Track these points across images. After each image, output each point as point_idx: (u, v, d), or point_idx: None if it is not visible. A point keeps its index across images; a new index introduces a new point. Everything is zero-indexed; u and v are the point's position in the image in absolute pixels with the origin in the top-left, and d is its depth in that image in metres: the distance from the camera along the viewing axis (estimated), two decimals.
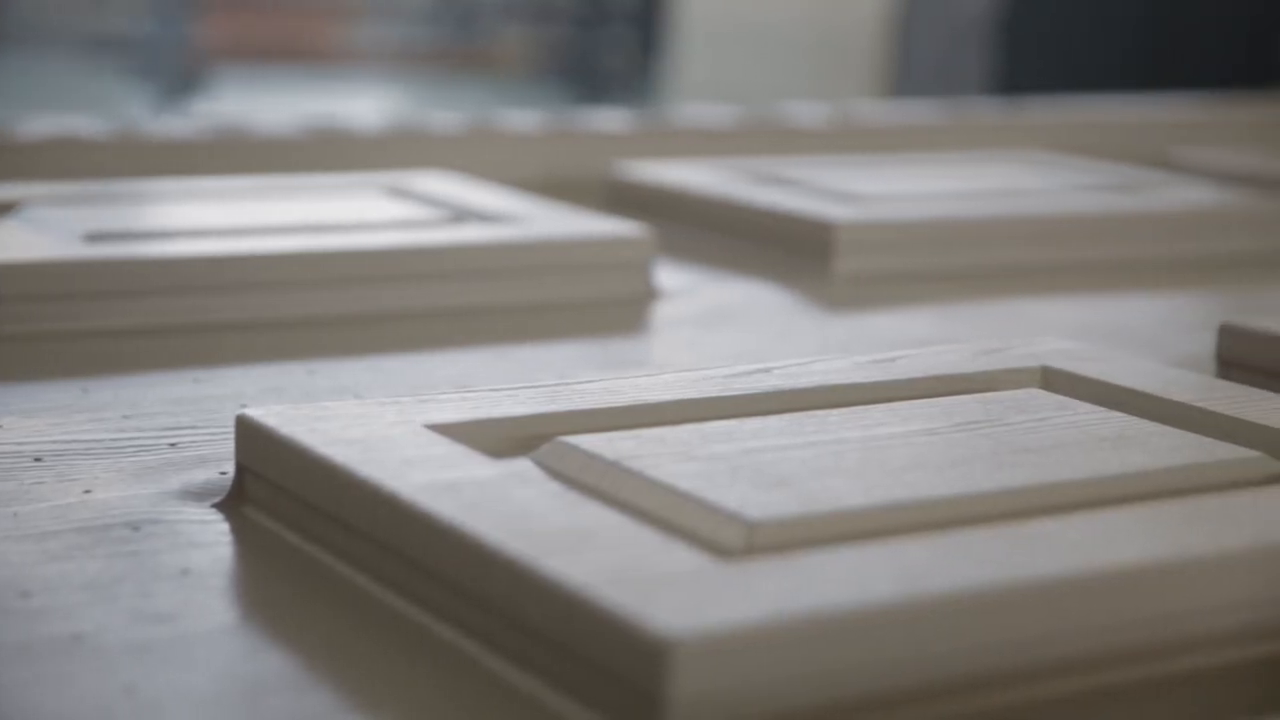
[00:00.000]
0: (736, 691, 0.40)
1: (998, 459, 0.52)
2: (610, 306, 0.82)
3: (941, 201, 0.98)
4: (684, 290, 0.86)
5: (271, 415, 0.53)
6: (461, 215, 0.87)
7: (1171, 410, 0.58)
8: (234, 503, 0.54)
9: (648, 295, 0.84)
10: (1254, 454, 0.53)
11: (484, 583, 0.44)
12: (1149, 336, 0.80)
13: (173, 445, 0.59)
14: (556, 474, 0.51)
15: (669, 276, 0.87)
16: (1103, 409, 0.58)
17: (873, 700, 0.42)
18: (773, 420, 0.56)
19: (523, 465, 0.51)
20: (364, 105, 4.48)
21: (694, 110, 1.28)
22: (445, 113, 1.25)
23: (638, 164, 1.07)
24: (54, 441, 0.59)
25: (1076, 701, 0.43)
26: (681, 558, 0.44)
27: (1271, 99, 1.68)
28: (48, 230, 0.80)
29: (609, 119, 1.16)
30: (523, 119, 1.14)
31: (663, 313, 0.82)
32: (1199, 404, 0.58)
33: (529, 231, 0.83)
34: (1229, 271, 0.96)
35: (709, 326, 0.80)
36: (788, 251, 0.92)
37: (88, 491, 0.54)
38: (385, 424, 0.53)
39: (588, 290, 0.82)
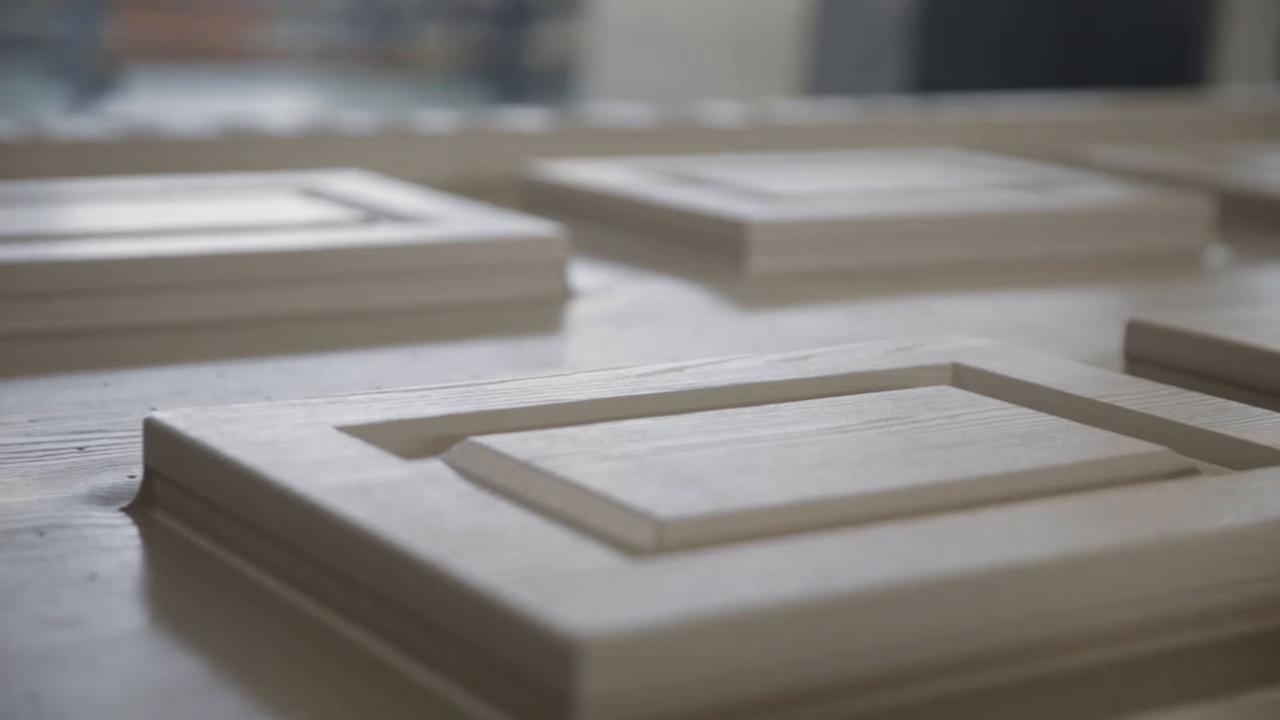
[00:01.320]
0: (647, 690, 0.40)
1: (908, 456, 0.53)
2: (525, 306, 0.82)
3: (856, 200, 0.98)
4: (599, 290, 0.86)
5: (180, 418, 0.53)
6: (375, 216, 0.87)
7: (1079, 406, 0.58)
8: (142, 507, 0.53)
9: (563, 295, 0.84)
10: (1159, 449, 0.54)
11: (394, 584, 0.44)
12: (1059, 333, 0.81)
13: (80, 449, 0.58)
14: (467, 474, 0.51)
15: (584, 276, 0.87)
16: (1012, 405, 0.58)
17: (784, 697, 0.42)
18: (685, 419, 0.56)
19: (434, 466, 0.51)
20: (281, 105, 4.45)
21: (610, 109, 1.28)
22: (359, 113, 1.24)
23: (553, 163, 1.07)
24: None
25: (986, 696, 0.43)
26: (591, 557, 0.44)
27: (1184, 99, 1.70)
28: None
29: (524, 118, 1.16)
30: (438, 119, 1.13)
31: (578, 312, 0.82)
32: (1106, 400, 0.58)
33: (443, 232, 0.83)
34: (1139, 268, 0.97)
35: (624, 326, 0.80)
36: (703, 250, 0.92)
37: None
38: (295, 426, 0.52)
39: (502, 290, 0.82)
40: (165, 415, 0.53)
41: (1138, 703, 0.44)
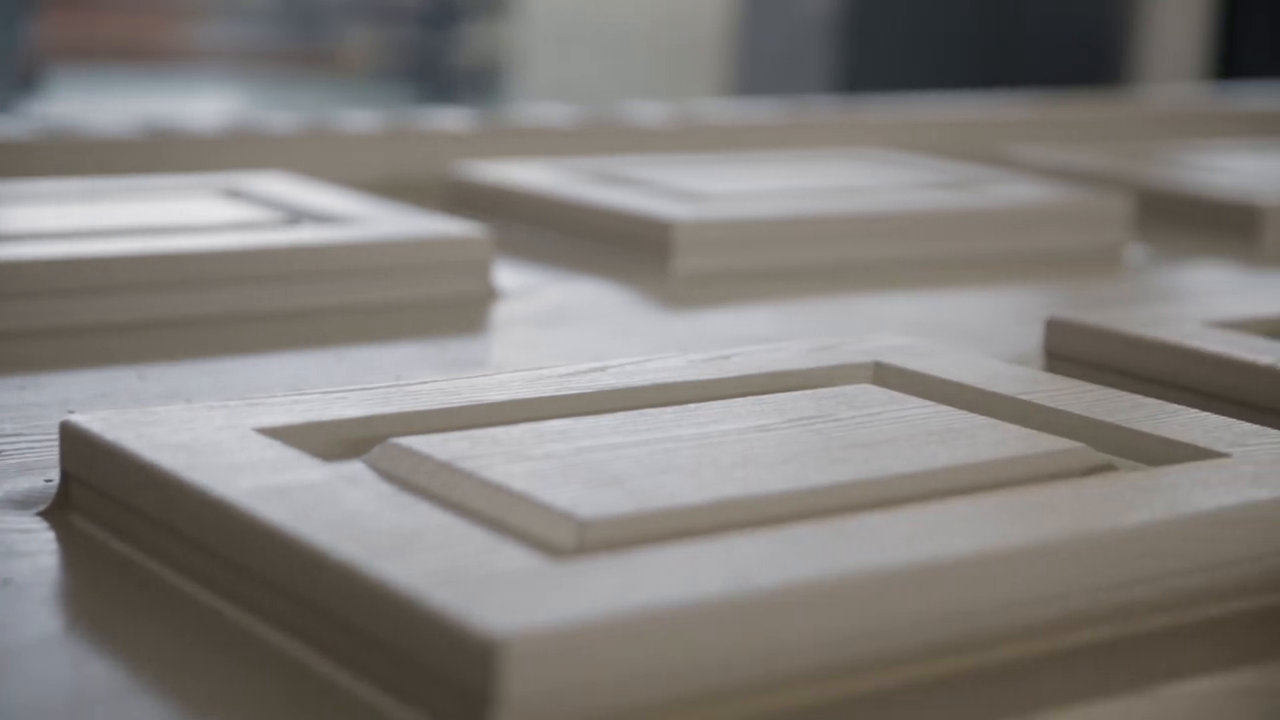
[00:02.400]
0: (568, 690, 0.40)
1: (828, 454, 0.53)
2: (449, 307, 0.82)
3: (781, 199, 0.98)
4: (524, 290, 0.85)
5: (97, 421, 0.52)
6: (298, 216, 0.86)
7: (998, 404, 0.59)
8: (59, 511, 0.53)
9: (487, 295, 0.84)
10: (1076, 445, 0.54)
11: (313, 587, 0.44)
12: (981, 331, 0.82)
13: None
14: (388, 476, 0.50)
15: (509, 276, 0.87)
16: (932, 403, 0.59)
17: (706, 695, 0.42)
18: (607, 419, 0.56)
19: (354, 468, 0.51)
20: (207, 106, 4.42)
21: (535, 110, 1.28)
22: (283, 113, 1.23)
23: (478, 164, 1.07)
24: None
25: (906, 692, 0.44)
26: (512, 557, 0.44)
27: (1105, 98, 1.71)
28: None
29: (449, 119, 1.16)
30: (361, 119, 1.13)
31: (502, 313, 0.82)
32: (1024, 397, 0.59)
33: (366, 232, 0.83)
34: (1060, 267, 0.98)
35: (548, 326, 0.80)
36: (628, 251, 0.92)
37: None
38: (214, 428, 0.52)
39: (426, 291, 0.82)
40: (82, 418, 0.53)
41: (1056, 698, 0.44)
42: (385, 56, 5.29)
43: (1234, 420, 0.57)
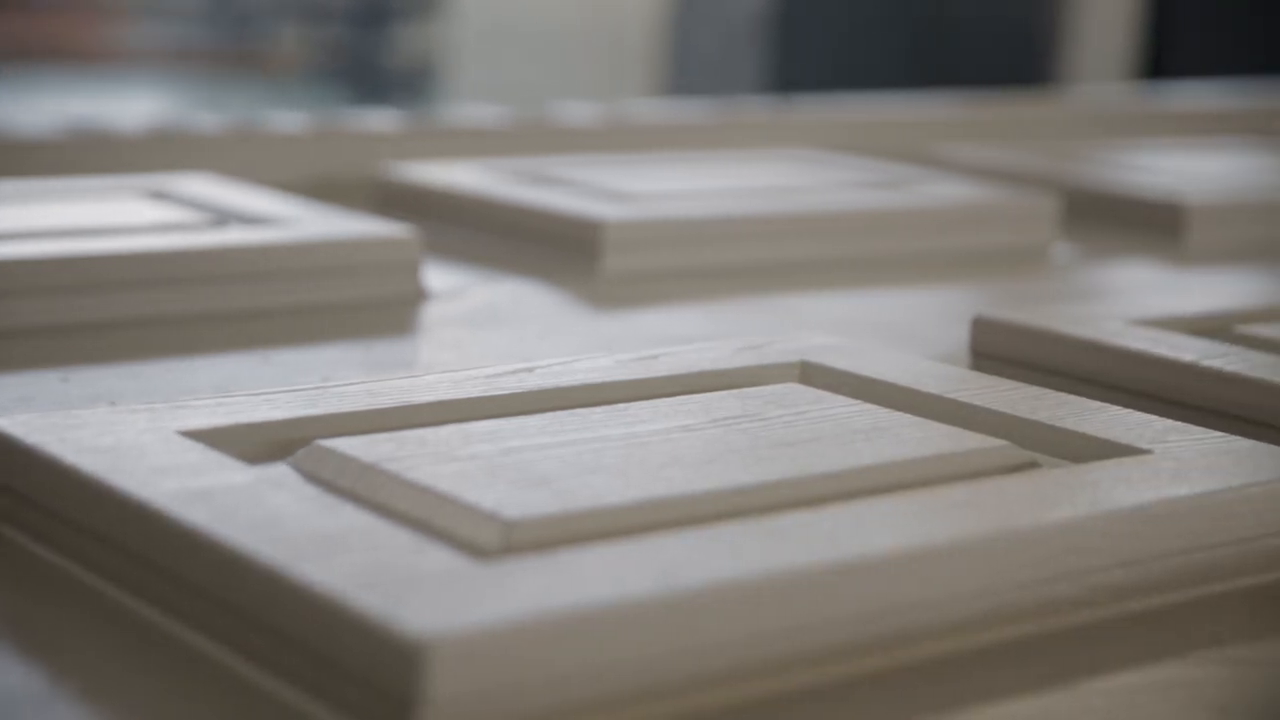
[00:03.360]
0: (494, 692, 0.40)
1: (755, 453, 0.53)
2: (378, 308, 0.81)
3: (710, 199, 0.99)
4: (453, 291, 0.85)
5: (18, 425, 0.52)
6: (224, 218, 0.86)
7: (923, 402, 0.59)
8: None
9: (416, 296, 0.83)
10: (1000, 443, 0.55)
11: (237, 590, 0.44)
12: (910, 330, 0.82)
13: None
14: (314, 478, 0.50)
15: (438, 277, 0.87)
16: (858, 402, 0.59)
17: (633, 695, 0.42)
18: (534, 419, 0.56)
19: (279, 470, 0.51)
20: (136, 107, 4.38)
21: (465, 110, 1.28)
22: (211, 114, 1.23)
23: (407, 165, 1.06)
24: None
25: (831, 690, 0.44)
26: (437, 559, 0.44)
27: (1034, 98, 1.73)
28: None
29: (378, 119, 1.15)
30: (290, 120, 1.12)
31: (431, 314, 0.82)
32: (950, 395, 0.59)
33: (294, 234, 0.82)
34: (988, 265, 0.99)
35: (477, 327, 0.79)
36: (558, 251, 0.92)
37: None
38: (137, 431, 0.52)
39: (354, 292, 0.82)
40: (4, 422, 0.52)
41: (979, 694, 0.44)
42: (317, 57, 5.26)
43: (1156, 417, 0.58)
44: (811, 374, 0.63)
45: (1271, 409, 0.63)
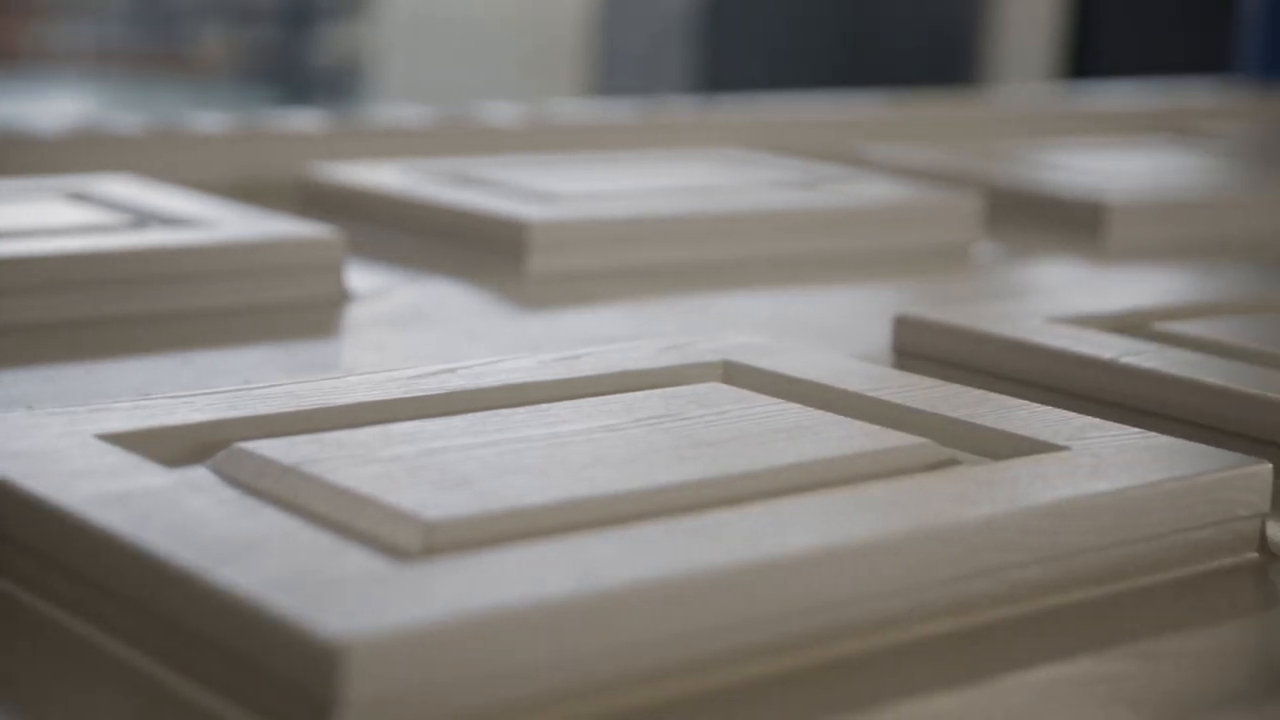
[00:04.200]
0: (413, 693, 0.40)
1: (677, 453, 0.53)
2: (300, 310, 0.81)
3: (636, 199, 0.99)
4: (376, 292, 0.85)
5: None
6: (145, 219, 0.85)
7: (845, 400, 0.59)
8: None
9: (339, 298, 0.83)
10: (921, 441, 0.55)
11: (155, 595, 0.43)
12: (833, 329, 0.83)
13: None
14: (233, 481, 0.50)
15: (361, 278, 0.87)
16: (780, 401, 0.59)
17: (553, 695, 0.42)
18: (456, 420, 0.56)
19: (198, 473, 0.50)
20: (57, 108, 4.34)
21: (389, 111, 1.27)
22: (133, 115, 1.22)
23: (331, 165, 1.06)
24: None
25: (752, 689, 0.44)
26: (357, 561, 0.43)
27: (958, 98, 1.74)
28: None
29: (301, 120, 1.15)
30: (212, 120, 1.12)
31: (354, 315, 0.81)
32: (871, 394, 0.59)
33: (215, 235, 0.82)
34: (911, 264, 0.99)
35: (401, 328, 0.79)
36: (482, 252, 0.92)
37: None
38: (54, 435, 0.51)
39: (277, 294, 0.81)
40: None
41: (899, 691, 0.45)
42: (243, 57, 5.23)
43: (1074, 414, 0.58)
44: (734, 373, 0.63)
45: (1188, 406, 0.64)
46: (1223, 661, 0.48)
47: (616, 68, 3.24)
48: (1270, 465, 0.55)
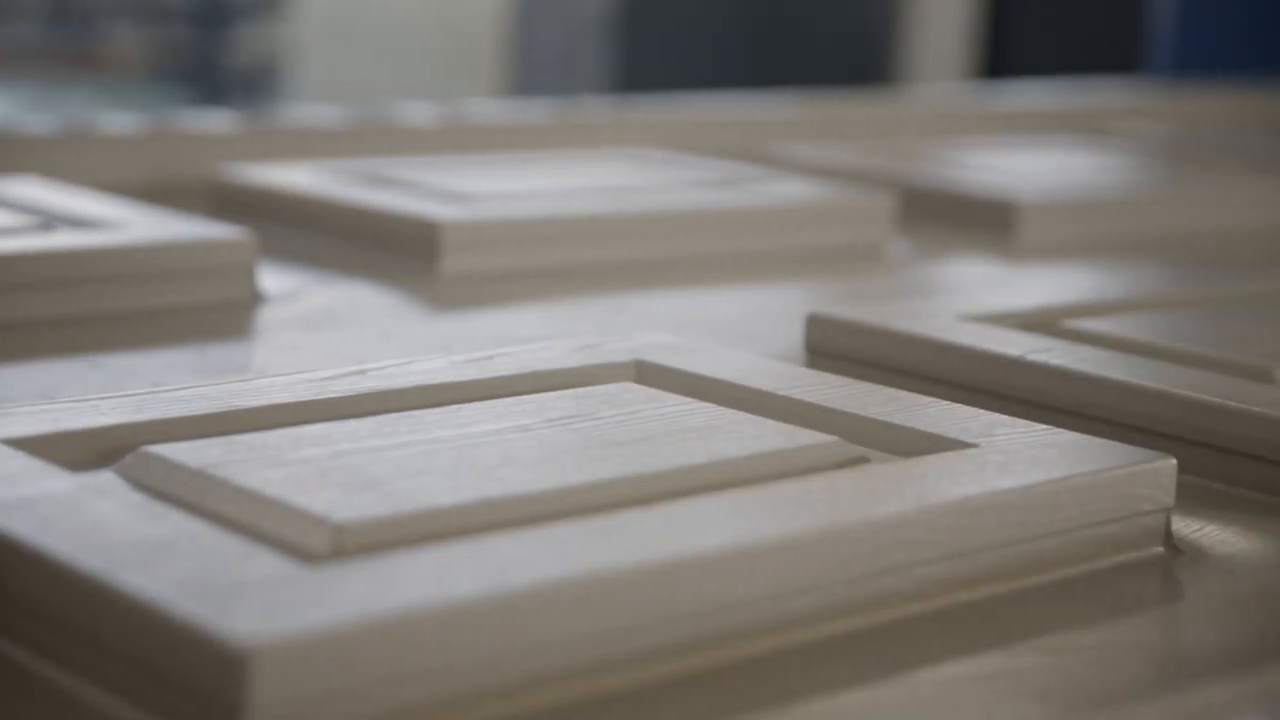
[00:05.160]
0: (321, 697, 0.40)
1: (588, 453, 0.53)
2: (211, 312, 0.80)
3: (549, 199, 0.99)
4: (289, 294, 0.84)
5: None
6: (52, 222, 0.84)
7: (756, 399, 0.60)
8: None
9: (251, 300, 0.82)
10: (831, 439, 0.55)
11: (58, 601, 0.43)
12: (746, 328, 0.83)
13: None
14: (140, 485, 0.49)
15: (274, 280, 0.86)
16: (692, 400, 0.59)
17: (463, 697, 0.42)
18: (367, 422, 0.55)
19: (104, 477, 0.50)
20: None
21: (303, 111, 1.26)
22: (42, 115, 1.20)
23: (243, 166, 1.05)
24: None
25: (663, 688, 0.44)
26: (265, 564, 0.43)
27: (872, 97, 1.75)
28: None
29: (214, 121, 1.14)
30: (123, 121, 1.11)
31: (266, 317, 0.81)
32: (782, 392, 0.60)
33: (124, 237, 0.81)
34: (825, 263, 1.00)
35: (313, 330, 0.79)
36: (396, 253, 0.92)
37: None
38: None
39: (188, 296, 0.80)
40: None
41: (810, 689, 0.45)
42: (158, 57, 5.18)
43: (984, 411, 0.59)
44: (646, 373, 0.63)
45: (1095, 402, 0.65)
46: (1127, 655, 0.48)
47: (533, 68, 3.23)
48: (1175, 461, 0.55)
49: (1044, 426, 0.57)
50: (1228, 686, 0.46)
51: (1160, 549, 0.55)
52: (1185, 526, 0.57)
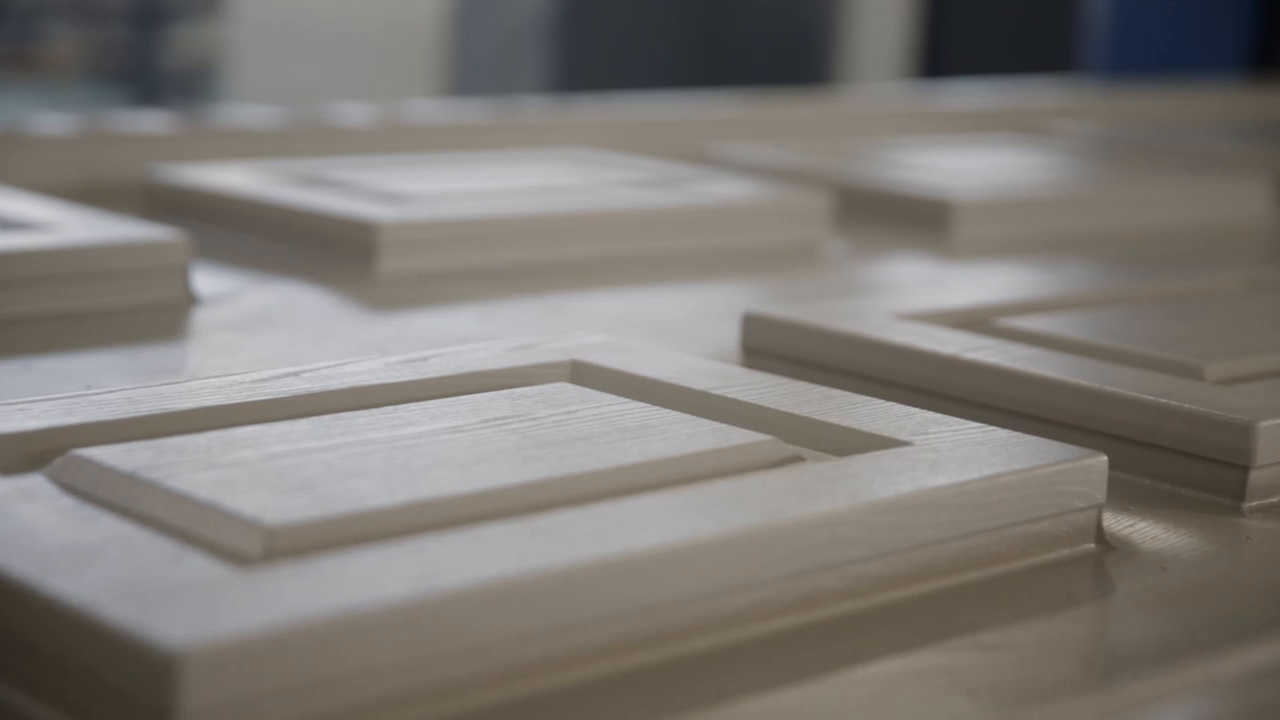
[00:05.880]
0: (252, 701, 0.40)
1: (523, 454, 0.53)
2: (145, 314, 0.80)
3: (486, 200, 0.98)
4: (224, 295, 0.84)
5: None
6: None
7: (692, 399, 0.60)
8: None
9: (185, 301, 0.82)
10: (765, 438, 0.55)
11: None
12: (683, 327, 0.83)
13: None
14: (70, 489, 0.49)
15: (209, 282, 0.86)
16: (627, 400, 0.59)
17: (395, 699, 0.42)
18: (300, 424, 0.55)
19: (33, 481, 0.50)
20: None
21: (237, 111, 1.26)
22: None
23: (178, 167, 1.04)
24: None
25: (596, 688, 0.44)
26: (196, 568, 0.43)
27: (812, 97, 1.75)
28: None
29: (148, 121, 1.13)
30: (55, 122, 1.10)
31: (200, 319, 0.80)
32: (718, 392, 0.60)
33: (56, 239, 0.80)
34: (762, 262, 1.00)
35: (248, 331, 0.78)
36: (331, 253, 0.91)
37: None
38: None
39: (120, 298, 0.80)
40: None
41: (744, 687, 0.45)
42: (93, 57, 5.14)
43: (918, 410, 0.59)
44: (581, 373, 0.63)
45: (1028, 400, 0.65)
46: (1059, 651, 0.48)
47: (471, 68, 3.23)
48: (1106, 458, 0.56)
49: (977, 424, 0.57)
50: (1159, 681, 0.47)
51: (1092, 545, 0.55)
52: (1117, 523, 0.58)
